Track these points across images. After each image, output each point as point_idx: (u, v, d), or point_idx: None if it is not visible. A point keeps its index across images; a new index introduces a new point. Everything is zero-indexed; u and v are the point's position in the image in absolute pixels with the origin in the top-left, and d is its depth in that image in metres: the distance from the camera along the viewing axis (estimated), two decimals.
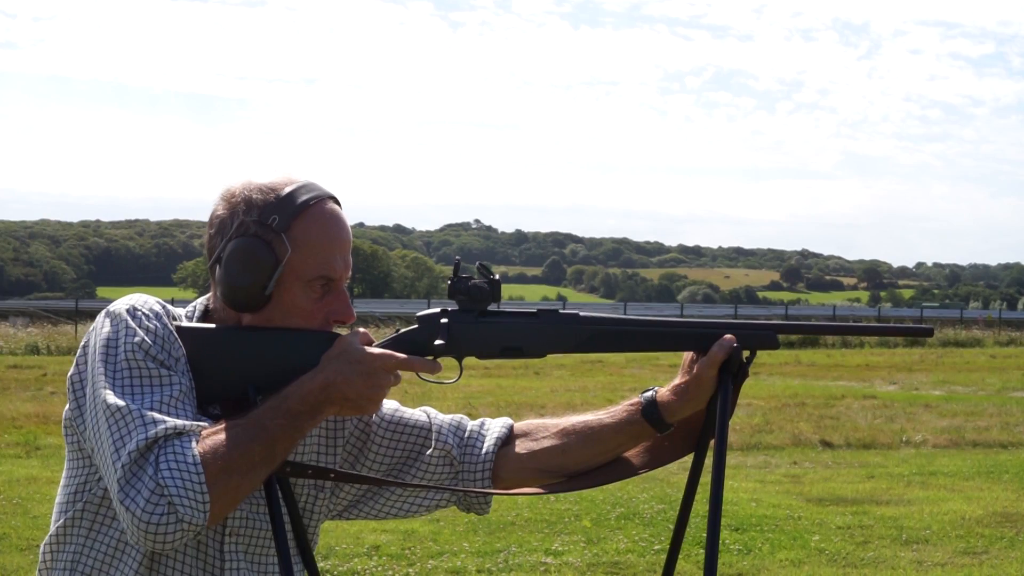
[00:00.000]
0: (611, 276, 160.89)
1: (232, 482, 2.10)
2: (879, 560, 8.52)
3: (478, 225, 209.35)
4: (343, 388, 2.20)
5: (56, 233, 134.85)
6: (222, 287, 2.26)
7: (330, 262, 2.28)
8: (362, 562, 8.23)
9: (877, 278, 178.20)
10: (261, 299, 2.25)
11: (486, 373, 23.62)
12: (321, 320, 2.30)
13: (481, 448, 2.52)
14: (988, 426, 16.28)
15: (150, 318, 2.19)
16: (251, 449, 2.12)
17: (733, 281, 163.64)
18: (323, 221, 2.28)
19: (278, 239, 2.23)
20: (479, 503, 2.56)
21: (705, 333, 2.40)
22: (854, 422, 16.53)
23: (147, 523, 2.03)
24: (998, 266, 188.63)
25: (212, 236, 2.29)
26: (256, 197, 2.26)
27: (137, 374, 2.13)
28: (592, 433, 2.49)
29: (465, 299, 2.36)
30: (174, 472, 2.04)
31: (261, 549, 2.32)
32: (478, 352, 2.39)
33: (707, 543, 2.32)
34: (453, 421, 2.56)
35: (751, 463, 13.26)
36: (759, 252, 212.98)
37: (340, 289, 2.32)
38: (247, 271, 2.23)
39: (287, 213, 2.24)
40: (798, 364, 28.62)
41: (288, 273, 2.25)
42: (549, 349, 2.40)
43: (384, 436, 2.51)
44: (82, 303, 53.06)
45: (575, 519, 9.78)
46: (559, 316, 2.41)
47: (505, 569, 8.15)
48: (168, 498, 2.03)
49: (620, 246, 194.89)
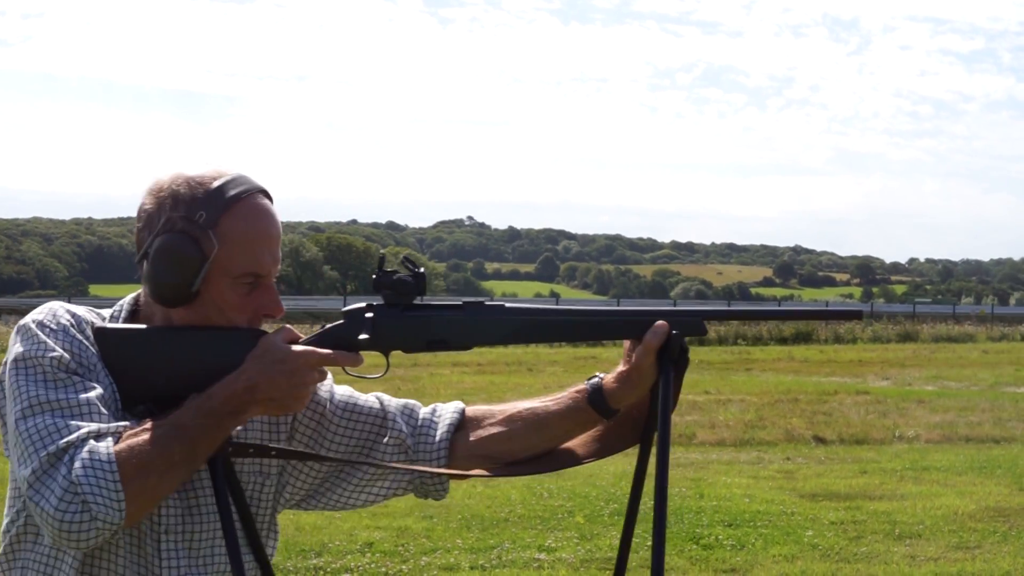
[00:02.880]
0: (604, 273, 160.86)
1: (150, 482, 2.09)
2: (872, 555, 8.53)
3: (471, 222, 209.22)
4: (267, 388, 2.18)
5: (48, 231, 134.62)
6: (149, 284, 2.25)
7: (258, 258, 2.26)
8: (355, 559, 8.23)
9: (870, 274, 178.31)
10: (188, 295, 2.23)
11: (479, 370, 23.64)
12: (250, 315, 2.28)
13: (435, 436, 2.50)
14: (980, 421, 16.31)
15: (57, 332, 2.18)
16: (170, 449, 2.11)
17: (726, 277, 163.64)
18: (251, 217, 2.25)
19: (205, 235, 2.21)
20: (436, 489, 2.53)
21: (634, 321, 2.39)
22: (847, 418, 16.54)
23: (60, 521, 2.03)
24: (990, 262, 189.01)
25: (140, 230, 2.27)
26: (183, 192, 2.23)
27: (52, 386, 2.12)
28: (538, 420, 2.47)
29: (390, 293, 2.34)
30: (88, 471, 2.04)
31: (203, 544, 2.30)
32: (404, 346, 2.38)
33: (654, 536, 2.30)
34: (405, 408, 2.54)
35: (744, 459, 13.27)
36: (752, 248, 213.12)
37: (269, 284, 2.30)
38: (173, 268, 2.20)
39: (214, 209, 2.22)
40: (791, 360, 28.63)
41: (215, 269, 2.22)
42: (475, 341, 2.40)
43: (339, 423, 2.48)
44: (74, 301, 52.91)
45: (568, 515, 9.79)
46: (485, 308, 2.40)
47: (499, 565, 8.15)
48: (82, 496, 2.03)
49: (613, 243, 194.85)
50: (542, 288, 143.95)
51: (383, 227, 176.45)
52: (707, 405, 17.66)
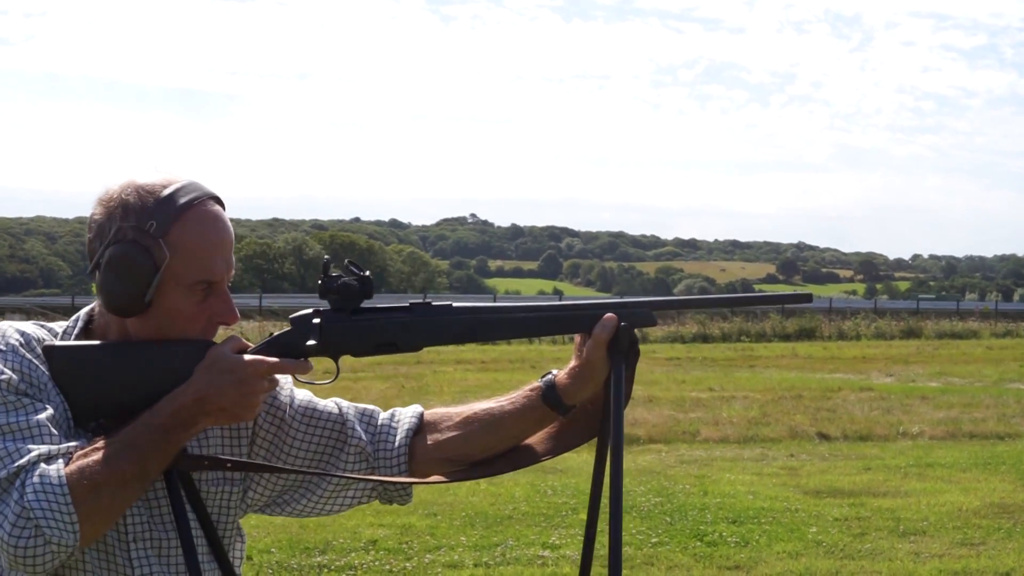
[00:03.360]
0: (607, 270, 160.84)
1: (102, 501, 2.08)
2: (876, 552, 8.52)
3: (474, 219, 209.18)
4: (216, 399, 2.18)
5: (52, 230, 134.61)
6: (102, 294, 2.23)
7: (210, 266, 2.24)
8: (359, 556, 8.23)
9: (873, 270, 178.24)
10: (141, 305, 2.22)
11: (483, 367, 23.65)
12: (204, 323, 2.28)
13: (394, 441, 2.49)
14: (985, 417, 16.29)
15: (6, 352, 2.17)
16: (121, 467, 2.10)
17: (729, 274, 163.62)
18: (202, 224, 2.24)
19: (156, 245, 2.19)
20: (400, 495, 2.53)
21: (582, 315, 2.38)
22: (851, 414, 16.54)
23: (15, 547, 2.03)
24: (994, 258, 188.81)
25: (91, 240, 2.25)
26: (132, 201, 2.21)
27: (2, 408, 2.12)
28: (493, 421, 2.47)
29: (336, 298, 2.33)
30: (39, 495, 2.04)
31: (174, 551, 2.30)
32: (352, 350, 2.37)
33: (610, 534, 2.27)
34: (364, 413, 2.52)
35: (748, 455, 13.27)
36: (755, 245, 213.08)
37: (222, 290, 2.29)
38: (126, 278, 2.19)
39: (165, 218, 2.20)
40: (795, 357, 28.62)
41: (168, 279, 2.21)
42: (425, 342, 2.39)
43: (299, 428, 2.47)
44: (78, 300, 52.97)
45: (572, 512, 9.78)
46: (432, 308, 2.39)
47: (503, 563, 8.15)
48: (35, 521, 2.03)
49: (616, 240, 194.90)
50: (545, 285, 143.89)
51: (386, 225, 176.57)
52: (711, 402, 17.65)
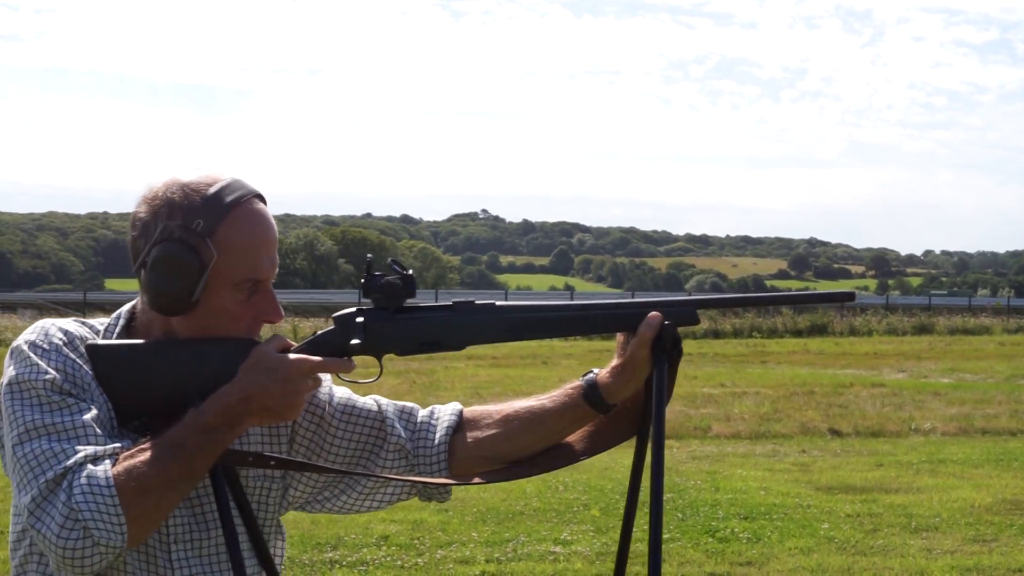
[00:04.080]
0: (619, 265, 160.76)
1: (150, 502, 2.08)
2: (888, 548, 8.51)
3: (485, 215, 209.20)
4: (261, 398, 2.17)
5: (64, 225, 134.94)
6: (148, 293, 2.23)
7: (257, 264, 2.24)
8: (371, 552, 8.24)
9: (885, 266, 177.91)
10: (188, 305, 2.21)
11: (494, 363, 23.63)
12: (249, 321, 2.27)
13: (433, 438, 2.49)
14: (997, 413, 16.25)
15: (50, 352, 2.18)
16: (168, 468, 2.10)
17: (741, 270, 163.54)
18: (249, 223, 2.24)
19: (203, 244, 2.19)
20: (439, 491, 2.54)
21: (627, 313, 2.38)
22: (863, 410, 16.51)
23: (63, 548, 2.03)
24: (1006, 253, 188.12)
25: (135, 239, 2.25)
26: (178, 199, 2.21)
27: (47, 409, 2.11)
28: (535, 418, 2.46)
29: (380, 297, 2.33)
30: (87, 496, 2.04)
31: (214, 550, 2.30)
32: (396, 349, 2.36)
33: (650, 531, 2.28)
34: (403, 411, 2.53)
35: (760, 451, 13.25)
36: (767, 241, 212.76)
37: (267, 289, 2.29)
38: (173, 278, 2.18)
39: (211, 216, 2.19)
40: (806, 352, 28.57)
41: (215, 277, 2.20)
42: (468, 341, 2.38)
43: (339, 426, 2.47)
44: (90, 295, 53.20)
45: (584, 508, 9.78)
46: (476, 308, 2.38)
47: (514, 558, 8.15)
48: (83, 523, 2.03)
49: (627, 235, 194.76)
50: (556, 281, 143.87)
51: (397, 220, 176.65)
52: (722, 398, 17.63)
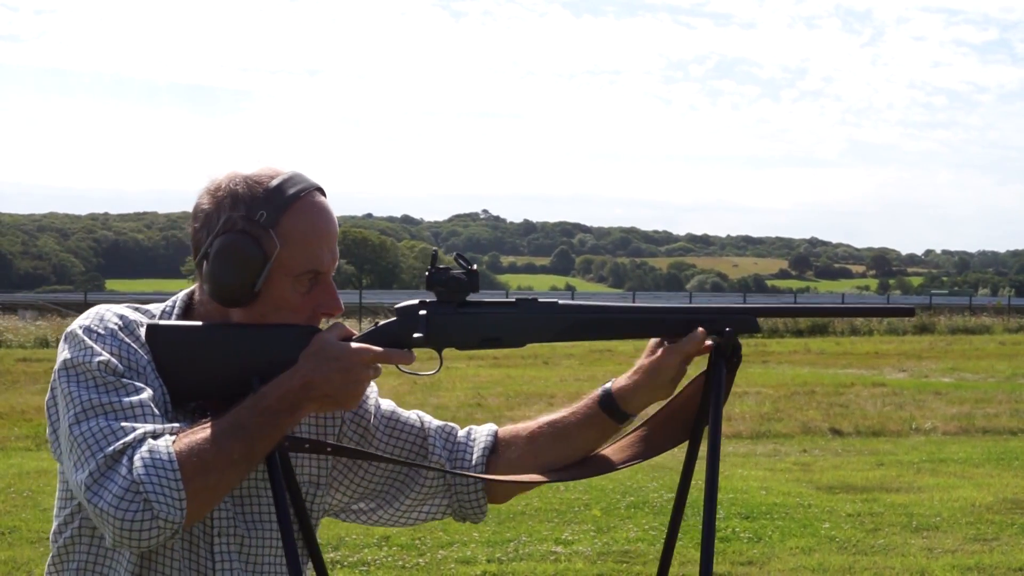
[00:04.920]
0: (619, 266, 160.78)
1: (210, 480, 2.08)
2: (889, 547, 8.51)
3: (486, 215, 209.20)
4: (322, 385, 2.17)
5: (64, 226, 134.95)
6: (210, 284, 2.23)
7: (318, 256, 2.25)
8: (372, 552, 8.24)
9: (886, 266, 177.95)
10: (250, 296, 2.22)
11: (495, 363, 23.63)
12: (308, 313, 2.27)
13: (471, 459, 2.51)
14: (998, 413, 16.26)
15: (105, 336, 2.17)
16: (229, 447, 2.10)
17: (742, 270, 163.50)
18: (311, 215, 2.25)
19: (266, 235, 2.19)
20: (474, 512, 2.55)
21: (688, 319, 2.38)
22: (863, 410, 16.51)
23: (120, 520, 2.01)
24: (1007, 253, 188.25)
25: (197, 230, 2.25)
26: (242, 191, 2.22)
27: (104, 389, 2.11)
28: (557, 433, 2.47)
29: (444, 290, 2.32)
30: (148, 469, 2.02)
31: (255, 549, 2.30)
32: (458, 343, 2.36)
33: (703, 534, 2.30)
34: (444, 430, 2.54)
35: (761, 451, 13.26)
36: (767, 240, 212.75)
37: (328, 281, 2.29)
38: (236, 268, 2.19)
39: (274, 208, 2.20)
40: (807, 352, 28.58)
41: (277, 269, 2.21)
42: (529, 339, 2.38)
43: (382, 438, 2.49)
44: (91, 296, 53.09)
45: (585, 508, 9.79)
46: (538, 305, 2.38)
47: (515, 558, 8.15)
48: (143, 495, 2.01)
49: (628, 235, 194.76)
50: (557, 281, 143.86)
51: (398, 221, 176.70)
52: None
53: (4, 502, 9.89)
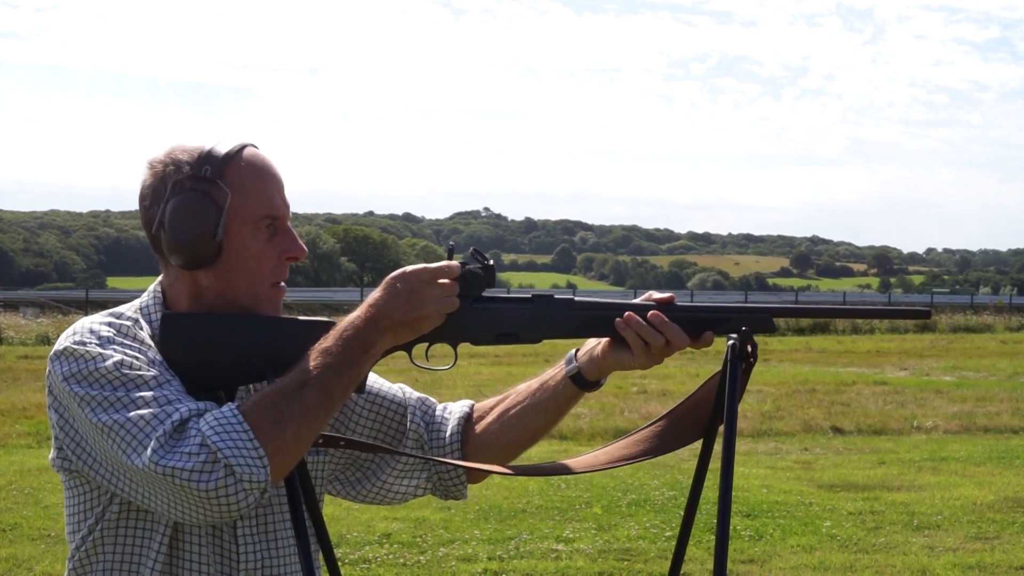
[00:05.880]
0: (621, 263, 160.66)
1: (288, 433, 2.05)
2: (890, 546, 8.51)
3: (487, 213, 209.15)
4: (388, 313, 2.17)
5: (66, 223, 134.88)
6: (172, 248, 2.22)
7: (270, 200, 2.26)
8: (373, 550, 8.24)
9: (887, 264, 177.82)
10: (213, 249, 2.21)
11: (496, 361, 23.62)
12: (274, 260, 2.28)
13: (446, 430, 2.52)
14: (999, 411, 16.25)
15: (104, 342, 2.15)
16: (302, 396, 2.08)
17: (743, 268, 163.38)
18: (254, 162, 2.26)
19: (215, 187, 2.20)
20: (457, 489, 2.55)
21: (705, 317, 2.37)
22: (865, 408, 16.51)
23: (207, 490, 1.97)
24: (1008, 252, 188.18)
25: (148, 208, 2.26)
26: (183, 157, 2.24)
27: (132, 384, 2.08)
28: (529, 399, 2.49)
29: (460, 285, 2.31)
30: (219, 433, 1.99)
31: (274, 527, 2.31)
32: (473, 338, 2.35)
33: (717, 531, 2.30)
34: (424, 403, 2.56)
35: (762, 449, 13.25)
36: (769, 239, 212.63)
37: (286, 227, 2.30)
38: (193, 223, 2.19)
39: (217, 163, 2.22)
40: (808, 350, 28.56)
41: (233, 218, 2.22)
42: (544, 335, 2.37)
43: (364, 411, 2.50)
44: (92, 293, 53.09)
45: (586, 506, 9.79)
46: (555, 301, 2.38)
47: (516, 556, 8.15)
48: (223, 460, 1.97)
49: (629, 233, 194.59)
50: (559, 279, 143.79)
51: (400, 219, 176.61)
52: None
53: (5, 499, 9.90)
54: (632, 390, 17.87)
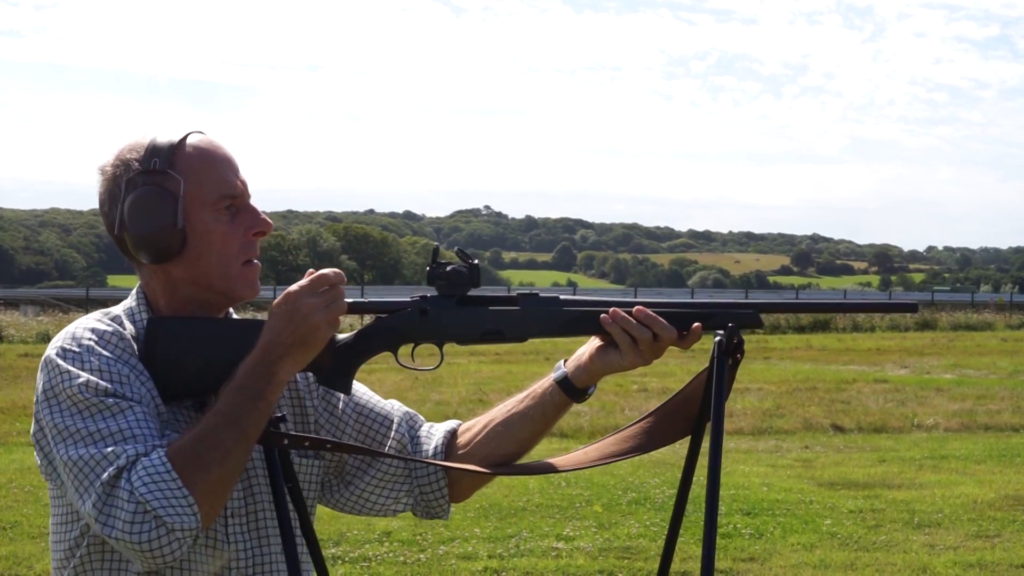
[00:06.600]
0: (621, 262, 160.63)
1: (212, 476, 2.08)
2: (891, 544, 8.51)
3: (488, 211, 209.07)
4: (277, 338, 2.16)
5: (66, 222, 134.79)
6: (136, 245, 2.24)
7: (225, 179, 2.27)
8: (374, 548, 8.24)
9: (888, 262, 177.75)
10: (177, 238, 2.22)
11: (497, 359, 23.62)
12: (241, 239, 2.28)
13: (430, 445, 2.51)
14: (1000, 409, 16.25)
15: (81, 354, 2.17)
16: (220, 437, 2.10)
17: (743, 266, 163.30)
18: (201, 146, 2.28)
19: (166, 176, 2.22)
20: (439, 506, 2.54)
21: (691, 313, 2.37)
22: (865, 406, 16.50)
23: (139, 543, 2.02)
24: (1009, 249, 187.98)
25: (107, 213, 2.28)
26: (130, 155, 2.25)
27: (88, 414, 2.11)
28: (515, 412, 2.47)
29: (445, 284, 2.34)
30: (149, 485, 2.02)
31: (262, 523, 2.33)
32: (458, 337, 2.37)
33: (705, 527, 2.29)
34: (412, 418, 2.56)
35: (762, 447, 13.25)
36: (769, 237, 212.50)
37: (248, 204, 2.31)
38: (152, 216, 2.21)
39: (165, 152, 2.23)
40: (809, 348, 28.55)
41: (190, 204, 2.23)
42: (530, 333, 2.38)
43: (351, 423, 2.51)
44: (93, 291, 53.11)
45: (586, 504, 9.78)
46: (540, 300, 2.38)
47: (516, 554, 8.15)
48: (152, 512, 2.02)
49: (630, 231, 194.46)
50: (559, 277, 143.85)
51: (400, 217, 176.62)
52: None
53: (5, 497, 9.90)
54: (632, 388, 17.86)
